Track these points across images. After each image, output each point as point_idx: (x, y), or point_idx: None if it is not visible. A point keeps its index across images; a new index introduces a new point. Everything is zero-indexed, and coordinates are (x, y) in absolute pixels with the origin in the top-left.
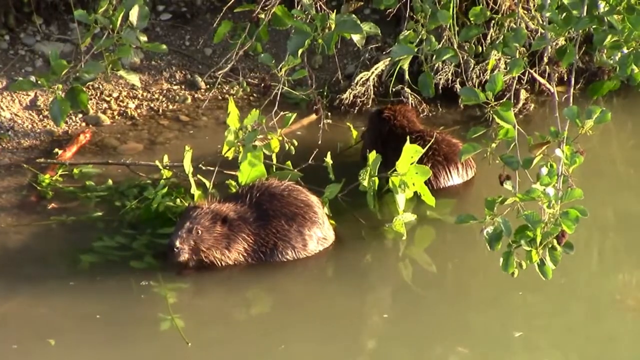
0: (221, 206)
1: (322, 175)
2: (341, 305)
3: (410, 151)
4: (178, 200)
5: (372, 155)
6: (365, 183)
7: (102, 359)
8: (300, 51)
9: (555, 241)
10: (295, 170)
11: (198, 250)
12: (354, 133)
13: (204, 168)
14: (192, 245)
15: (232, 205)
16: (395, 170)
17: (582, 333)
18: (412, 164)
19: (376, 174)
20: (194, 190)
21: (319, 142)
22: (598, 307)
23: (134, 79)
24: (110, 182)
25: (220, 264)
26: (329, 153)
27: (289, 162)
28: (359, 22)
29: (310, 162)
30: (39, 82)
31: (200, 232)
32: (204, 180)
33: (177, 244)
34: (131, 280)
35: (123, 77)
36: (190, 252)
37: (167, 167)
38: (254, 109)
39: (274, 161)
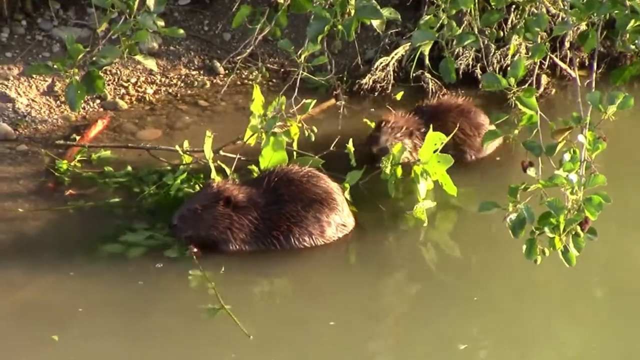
0: (229, 187)
1: (344, 161)
2: (361, 292)
3: (434, 139)
4: (197, 186)
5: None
6: (387, 171)
7: (123, 348)
8: (319, 37)
9: (578, 228)
10: (317, 157)
11: (198, 228)
12: (372, 124)
13: (227, 154)
14: (192, 223)
15: (244, 188)
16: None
17: (609, 322)
18: (434, 152)
19: (399, 162)
20: (214, 175)
21: (339, 127)
22: (622, 297)
23: (151, 63)
24: (129, 168)
25: (227, 246)
26: (350, 140)
27: (309, 148)
28: (378, 7)
29: (331, 148)
30: (55, 66)
31: (199, 210)
32: (223, 166)
33: (176, 221)
34: (150, 267)
35: (140, 62)
36: (191, 230)
37: (187, 153)
38: (280, 96)
39: (295, 147)
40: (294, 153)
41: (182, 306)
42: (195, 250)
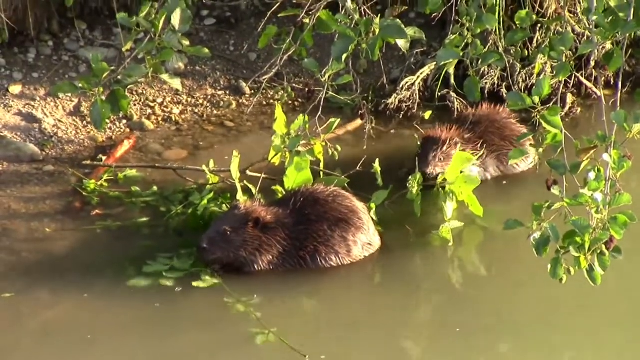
0: (257, 208)
1: (370, 181)
2: (388, 311)
3: (461, 159)
4: (224, 206)
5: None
6: (414, 191)
7: None
8: (344, 56)
9: (603, 246)
10: (343, 177)
11: (227, 250)
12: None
13: (253, 174)
14: (221, 245)
15: (271, 209)
16: (444, 178)
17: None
18: (461, 172)
19: (422, 183)
20: (241, 196)
21: (364, 147)
22: None
23: (177, 83)
24: (155, 187)
25: (252, 267)
26: (377, 159)
27: (335, 168)
28: (403, 26)
29: (358, 168)
30: (80, 85)
31: (228, 232)
32: (249, 185)
33: (205, 244)
34: (171, 288)
35: (166, 81)
36: (220, 252)
37: (214, 172)
38: (301, 115)
39: (322, 167)
40: (320, 173)
41: (213, 329)
42: (218, 271)
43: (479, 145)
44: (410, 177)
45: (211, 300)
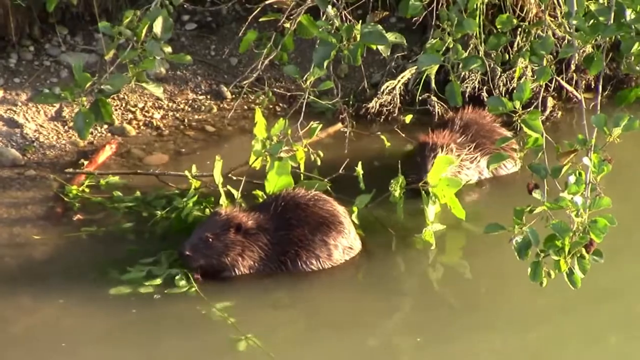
0: (238, 214)
1: (352, 184)
2: (367, 316)
3: (443, 162)
4: (207, 210)
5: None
6: (396, 194)
7: None
8: (325, 62)
9: (583, 250)
10: (325, 180)
11: (209, 256)
12: (387, 143)
13: (234, 178)
14: (203, 252)
15: (252, 214)
16: (425, 182)
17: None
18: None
19: (405, 186)
20: (224, 200)
21: (346, 151)
22: (631, 317)
23: (158, 91)
24: (138, 193)
25: (233, 272)
26: (359, 163)
27: (316, 171)
28: (384, 32)
29: (340, 171)
30: (63, 95)
31: (210, 239)
32: (232, 190)
33: (187, 250)
34: (158, 295)
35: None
36: (202, 259)
37: (196, 177)
38: (281, 118)
39: (302, 169)
40: (301, 176)
41: (192, 336)
42: (199, 277)
43: (472, 149)
44: (392, 181)
45: (191, 307)
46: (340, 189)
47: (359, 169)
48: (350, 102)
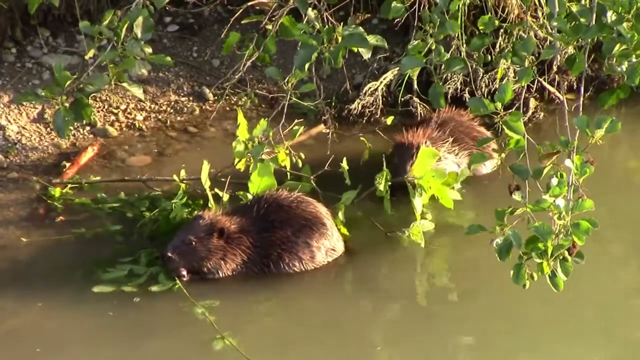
0: (221, 218)
1: (337, 183)
2: (348, 317)
3: (426, 155)
4: (195, 212)
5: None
6: (381, 188)
7: None
8: (307, 65)
9: (566, 252)
10: (311, 180)
11: (191, 260)
12: (367, 145)
13: (222, 179)
14: (186, 255)
15: (235, 218)
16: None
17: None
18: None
19: (390, 179)
20: (212, 203)
21: (328, 152)
22: (614, 317)
23: (138, 91)
24: (122, 194)
25: (217, 274)
26: (344, 158)
27: (306, 168)
28: (365, 35)
29: (325, 168)
30: (43, 94)
31: (193, 242)
32: (217, 191)
33: (169, 253)
34: (142, 295)
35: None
36: (184, 262)
37: (183, 181)
38: (262, 120)
39: (288, 169)
40: (288, 175)
41: (174, 336)
42: (184, 275)
43: (449, 143)
44: (377, 175)
45: (172, 306)
46: (325, 187)
47: (344, 164)
48: (333, 104)
